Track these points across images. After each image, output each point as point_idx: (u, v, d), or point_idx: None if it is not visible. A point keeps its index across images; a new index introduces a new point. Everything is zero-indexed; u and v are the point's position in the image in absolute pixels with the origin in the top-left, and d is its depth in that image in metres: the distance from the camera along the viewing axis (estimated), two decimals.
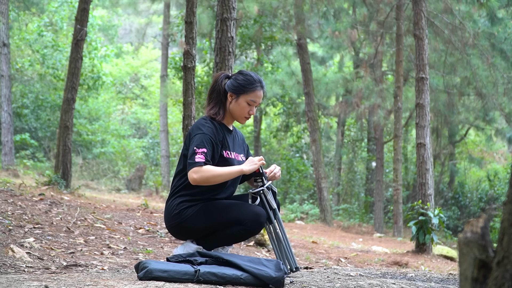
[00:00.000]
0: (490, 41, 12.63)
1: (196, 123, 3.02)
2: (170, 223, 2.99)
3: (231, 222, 2.90)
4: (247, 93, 2.99)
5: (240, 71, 3.07)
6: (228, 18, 5.02)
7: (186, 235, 3.01)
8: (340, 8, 13.43)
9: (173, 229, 2.99)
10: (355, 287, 2.73)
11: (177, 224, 2.95)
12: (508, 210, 1.31)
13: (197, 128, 2.95)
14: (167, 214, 3.00)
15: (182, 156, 3.02)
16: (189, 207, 2.94)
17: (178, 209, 2.94)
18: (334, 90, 15.76)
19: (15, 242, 3.59)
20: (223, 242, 2.99)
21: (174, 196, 2.99)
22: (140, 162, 19.27)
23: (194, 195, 2.96)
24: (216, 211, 2.91)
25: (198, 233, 2.99)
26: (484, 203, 16.92)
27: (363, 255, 6.34)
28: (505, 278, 1.25)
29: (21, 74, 17.40)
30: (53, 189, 7.64)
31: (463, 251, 1.34)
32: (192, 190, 2.94)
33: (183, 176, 2.98)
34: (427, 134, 6.95)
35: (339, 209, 17.76)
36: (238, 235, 2.93)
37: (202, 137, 2.88)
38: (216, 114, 3.01)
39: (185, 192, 2.96)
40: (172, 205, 2.97)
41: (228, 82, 3.04)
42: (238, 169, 2.88)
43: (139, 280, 2.56)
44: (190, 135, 2.97)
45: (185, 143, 3.03)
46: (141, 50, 27.39)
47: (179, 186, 2.99)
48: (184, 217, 2.92)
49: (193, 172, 2.82)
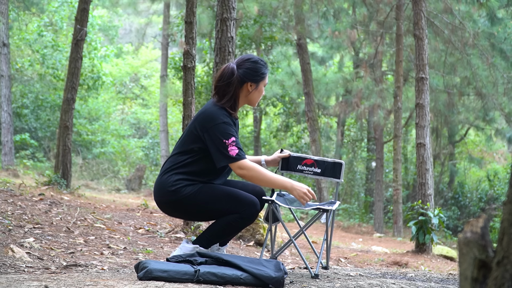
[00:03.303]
0: (490, 41, 12.63)
1: (211, 111, 2.97)
2: (163, 198, 2.96)
3: (227, 209, 2.91)
4: (264, 79, 3.07)
5: (248, 58, 3.06)
6: (228, 18, 5.02)
7: (178, 213, 3.00)
8: (340, 8, 13.42)
9: (165, 205, 2.97)
10: (355, 287, 2.73)
11: (172, 201, 2.93)
12: (508, 210, 1.31)
13: (216, 117, 2.92)
14: (160, 189, 2.97)
15: (188, 135, 2.99)
16: (187, 185, 2.92)
17: (175, 186, 2.91)
18: (334, 90, 15.77)
19: (15, 242, 3.59)
20: (220, 233, 2.96)
21: (170, 172, 2.96)
22: (140, 162, 19.27)
23: (192, 175, 2.95)
24: (214, 195, 2.92)
25: (191, 214, 2.98)
26: (484, 203, 16.92)
27: (363, 255, 6.34)
28: (505, 278, 1.25)
29: (21, 74, 17.39)
30: (53, 189, 7.64)
31: (463, 251, 1.34)
32: (191, 170, 2.94)
33: (185, 155, 2.97)
34: (427, 134, 6.95)
35: (339, 209, 17.76)
36: (234, 223, 2.92)
37: (225, 127, 2.89)
38: (232, 108, 3.00)
39: (183, 170, 2.95)
40: (168, 180, 2.94)
41: (242, 73, 3.01)
42: (286, 184, 2.91)
43: (139, 280, 2.56)
44: (205, 122, 2.93)
45: (196, 125, 2.97)
46: (141, 50, 27.38)
47: (178, 163, 2.96)
48: (181, 196, 2.91)
49: (238, 168, 2.87)
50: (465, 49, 12.61)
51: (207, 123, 2.92)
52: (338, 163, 3.15)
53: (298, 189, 2.91)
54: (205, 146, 2.94)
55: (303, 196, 2.91)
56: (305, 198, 2.92)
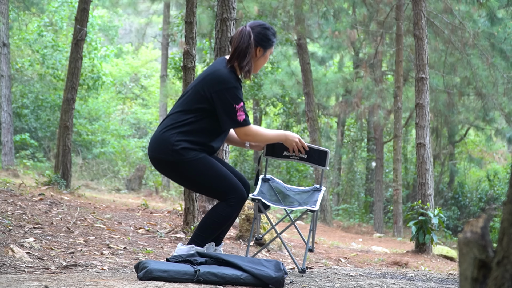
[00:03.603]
0: (490, 41, 12.62)
1: (222, 72, 2.96)
2: (161, 156, 2.93)
3: (217, 187, 2.92)
4: (271, 46, 3.10)
5: (260, 23, 3.07)
6: (228, 18, 5.02)
7: (171, 173, 2.98)
8: (340, 8, 13.42)
9: (163, 163, 2.95)
10: (355, 287, 2.73)
11: (171, 162, 2.91)
12: (508, 210, 1.31)
13: (228, 80, 2.93)
14: (159, 145, 2.94)
15: (194, 94, 2.97)
16: (191, 150, 2.92)
17: (178, 146, 2.90)
18: (334, 90, 15.76)
19: (15, 242, 3.59)
20: (211, 226, 2.94)
21: (172, 131, 2.94)
22: (140, 162, 19.25)
23: (194, 135, 2.94)
24: (212, 169, 2.92)
25: (184, 178, 2.97)
26: (484, 203, 16.92)
27: (363, 255, 6.34)
28: (505, 278, 1.25)
29: (21, 74, 17.39)
30: (53, 189, 7.64)
31: (463, 251, 1.34)
32: (193, 129, 2.93)
33: (189, 114, 2.95)
34: (427, 134, 6.95)
35: (339, 209, 17.76)
36: (223, 213, 2.93)
37: (236, 91, 2.92)
38: (249, 71, 3.00)
39: (186, 129, 2.93)
40: (170, 138, 2.92)
41: (255, 36, 3.02)
42: (281, 136, 3.11)
43: (139, 280, 2.56)
44: (215, 83, 2.92)
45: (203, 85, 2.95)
46: (141, 50, 27.38)
47: (181, 122, 2.94)
48: (183, 158, 2.90)
49: (244, 134, 2.97)
50: (465, 49, 12.61)
51: (217, 85, 2.91)
52: (323, 151, 3.22)
53: (290, 139, 3.12)
54: (211, 107, 2.94)
55: (294, 146, 3.14)
56: (295, 148, 3.14)
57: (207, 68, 3.06)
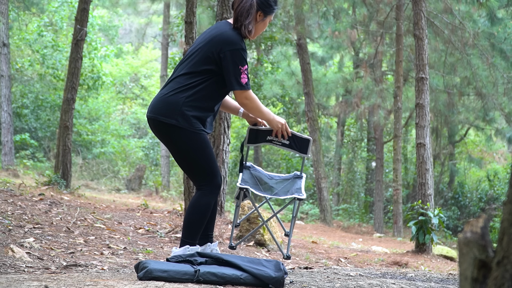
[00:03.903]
0: (490, 41, 12.62)
1: (230, 34, 2.98)
2: (163, 118, 2.92)
3: (202, 167, 2.95)
4: (272, 13, 3.11)
5: None
6: (228, 18, 5.02)
7: (167, 137, 2.96)
8: (340, 8, 13.42)
9: (161, 125, 2.93)
10: (355, 287, 2.73)
11: (172, 125, 2.91)
12: (508, 210, 1.31)
13: (236, 42, 2.95)
14: (165, 108, 2.93)
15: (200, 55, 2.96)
16: (199, 119, 2.94)
17: (188, 112, 2.90)
18: (334, 90, 15.76)
19: (15, 242, 3.59)
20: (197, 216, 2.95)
21: (182, 94, 2.93)
22: (140, 162, 19.27)
23: (202, 101, 2.94)
24: (206, 149, 2.95)
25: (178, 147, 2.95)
26: (484, 203, 16.92)
27: (363, 255, 6.34)
28: (505, 278, 1.25)
29: (21, 74, 17.39)
30: (53, 189, 7.64)
31: (463, 251, 1.34)
32: (200, 95, 2.94)
33: (195, 77, 2.95)
34: (427, 134, 6.95)
35: (339, 209, 17.76)
36: (205, 200, 2.96)
37: (242, 53, 2.95)
38: (250, 32, 3.03)
39: (195, 94, 2.93)
40: (179, 102, 2.92)
41: (257, 1, 3.05)
42: (269, 116, 3.11)
43: (139, 280, 2.56)
44: (223, 44, 2.93)
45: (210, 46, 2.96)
46: (141, 50, 27.38)
47: (189, 85, 2.94)
48: (187, 126, 2.91)
49: (244, 98, 2.97)
50: (465, 49, 12.61)
51: (225, 46, 2.93)
52: (306, 138, 3.27)
53: (276, 120, 3.14)
54: (218, 69, 2.95)
55: (278, 129, 3.17)
56: (279, 131, 3.16)
57: (210, 31, 3.06)
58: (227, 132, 5.99)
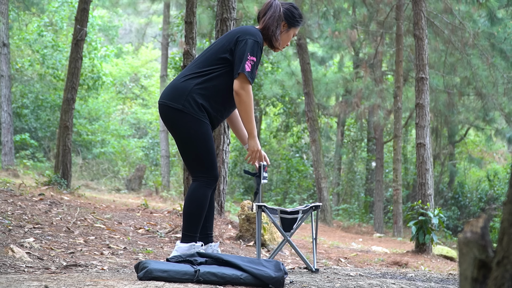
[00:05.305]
0: (490, 41, 12.62)
1: (253, 29, 3.03)
2: (171, 103, 2.95)
3: (201, 158, 2.94)
4: (296, 27, 3.15)
5: (292, 4, 3.16)
6: (228, 18, 5.02)
7: (173, 123, 2.97)
8: (340, 8, 13.42)
9: (169, 110, 2.95)
10: (355, 287, 2.73)
11: (179, 110, 2.93)
12: (508, 210, 1.31)
13: (255, 35, 2.99)
14: (174, 92, 2.96)
15: (218, 47, 3.01)
16: (206, 110, 2.95)
17: (196, 99, 2.92)
18: (334, 90, 15.77)
19: (15, 242, 3.59)
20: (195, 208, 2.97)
21: (193, 80, 2.96)
22: (140, 162, 19.26)
23: (212, 91, 2.96)
24: (209, 141, 2.95)
25: (182, 134, 2.96)
26: (484, 203, 16.92)
27: (363, 255, 6.34)
28: (505, 278, 1.25)
29: (21, 74, 17.39)
30: (53, 189, 7.64)
31: (463, 251, 1.34)
32: (214, 86, 2.96)
33: (210, 66, 2.98)
34: (427, 134, 6.95)
35: (339, 209, 17.76)
36: (202, 191, 2.96)
37: (257, 46, 2.96)
38: (277, 40, 3.07)
39: (207, 85, 2.96)
40: (188, 87, 2.95)
41: (283, 11, 3.11)
42: (253, 132, 3.02)
43: (139, 280, 2.56)
44: (242, 33, 2.99)
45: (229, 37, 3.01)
46: (141, 50, 27.38)
47: (202, 73, 2.97)
48: (192, 112, 2.92)
49: (240, 86, 2.93)
50: (465, 49, 12.61)
51: (243, 34, 2.98)
52: None
53: (255, 143, 3.05)
54: (231, 57, 2.98)
55: (252, 153, 3.08)
56: (252, 155, 3.09)
57: (234, 29, 3.12)
58: (227, 132, 5.99)
